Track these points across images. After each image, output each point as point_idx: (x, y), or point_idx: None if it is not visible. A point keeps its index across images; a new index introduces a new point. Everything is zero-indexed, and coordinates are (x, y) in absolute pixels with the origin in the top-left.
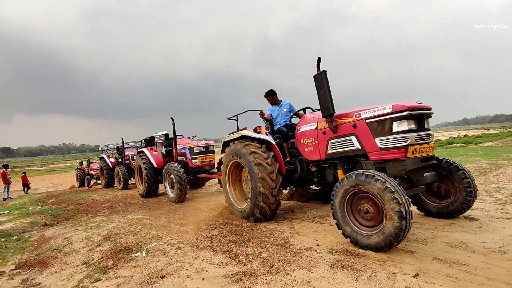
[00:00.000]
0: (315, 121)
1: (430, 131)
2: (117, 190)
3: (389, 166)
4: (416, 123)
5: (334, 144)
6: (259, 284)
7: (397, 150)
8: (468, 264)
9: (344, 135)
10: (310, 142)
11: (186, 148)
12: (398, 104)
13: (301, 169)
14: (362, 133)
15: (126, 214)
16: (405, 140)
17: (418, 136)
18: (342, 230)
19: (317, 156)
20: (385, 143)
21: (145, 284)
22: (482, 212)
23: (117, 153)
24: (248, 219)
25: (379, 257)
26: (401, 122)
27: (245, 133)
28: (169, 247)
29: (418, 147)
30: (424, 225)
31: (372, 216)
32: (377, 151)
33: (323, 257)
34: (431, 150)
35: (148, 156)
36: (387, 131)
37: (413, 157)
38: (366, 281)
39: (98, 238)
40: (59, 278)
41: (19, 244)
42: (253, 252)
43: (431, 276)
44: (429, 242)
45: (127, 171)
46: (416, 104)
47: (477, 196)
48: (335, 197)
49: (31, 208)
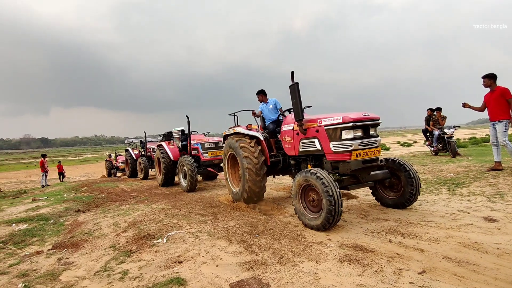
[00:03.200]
0: (292, 122)
1: (376, 138)
2: (142, 180)
3: (340, 165)
4: (362, 131)
5: (303, 144)
6: (268, 273)
7: (344, 153)
8: (477, 264)
9: (310, 137)
10: (289, 140)
11: (198, 143)
12: (346, 115)
13: (284, 162)
14: (322, 137)
15: (151, 204)
16: (349, 146)
17: (362, 143)
18: (297, 212)
19: (293, 152)
20: (336, 147)
21: (164, 268)
22: (504, 214)
23: (140, 146)
24: (239, 200)
25: (388, 253)
26: (348, 131)
27: (238, 129)
28: (188, 235)
29: (361, 152)
30: (439, 225)
31: (317, 203)
32: (331, 153)
33: (332, 250)
34: (376, 153)
35: (166, 150)
36: (338, 137)
37: (356, 159)
38: (371, 275)
39: (124, 224)
40: (89, 259)
41: (55, 227)
42: (265, 243)
43: (438, 274)
44: (441, 242)
45: (148, 162)
46: (362, 116)
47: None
48: (293, 188)
49: (65, 195)
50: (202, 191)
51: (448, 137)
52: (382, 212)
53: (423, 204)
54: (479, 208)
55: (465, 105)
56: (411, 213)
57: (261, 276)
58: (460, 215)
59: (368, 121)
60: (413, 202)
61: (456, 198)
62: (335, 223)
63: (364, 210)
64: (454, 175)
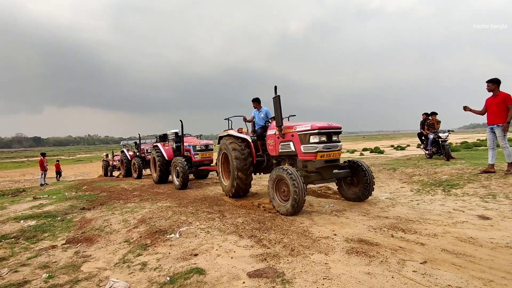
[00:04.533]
0: (275, 128)
1: (338, 143)
2: (143, 180)
3: (309, 164)
4: (327, 137)
5: (282, 146)
6: (282, 263)
7: (311, 154)
8: (473, 256)
9: (287, 141)
10: (271, 143)
11: (191, 146)
12: (314, 124)
13: (268, 161)
14: (295, 141)
15: (156, 202)
16: (315, 148)
17: (325, 146)
18: (272, 201)
19: (274, 153)
20: (305, 149)
21: (181, 260)
22: (496, 213)
23: (135, 147)
24: (228, 193)
25: (391, 246)
26: (315, 136)
27: (230, 132)
28: (199, 231)
29: (325, 153)
30: (437, 222)
31: (286, 193)
32: (302, 154)
33: (339, 244)
34: (337, 155)
35: (161, 150)
36: (307, 141)
37: (320, 159)
38: (377, 265)
39: (134, 221)
40: (106, 252)
41: (64, 223)
42: (275, 238)
43: (438, 264)
44: (440, 237)
45: (142, 162)
46: (326, 125)
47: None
48: (269, 182)
49: (67, 194)
50: (202, 190)
51: (442, 140)
52: (382, 211)
53: (421, 203)
54: (473, 207)
55: (466, 108)
56: (410, 211)
57: (275, 266)
58: (455, 213)
59: (331, 129)
60: (368, 196)
61: (451, 198)
62: (300, 209)
63: (365, 209)
64: (448, 177)
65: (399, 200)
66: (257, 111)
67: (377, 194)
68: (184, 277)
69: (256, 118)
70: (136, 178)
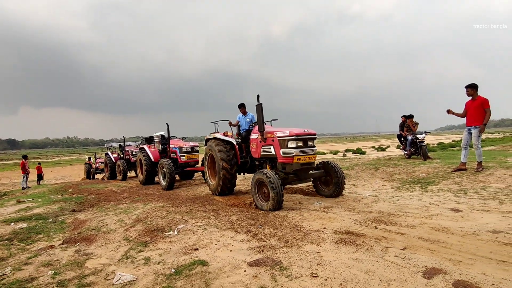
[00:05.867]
0: (258, 133)
1: (313, 148)
2: (129, 181)
3: (287, 166)
4: (303, 143)
5: (264, 149)
6: (278, 254)
7: (289, 157)
8: (446, 242)
9: (268, 145)
10: (254, 146)
11: (177, 148)
12: (291, 130)
13: (251, 162)
14: (276, 145)
15: (148, 203)
16: (293, 152)
17: (301, 151)
18: (255, 201)
19: (257, 155)
20: (284, 153)
21: (183, 254)
22: (466, 206)
23: (119, 149)
24: (214, 192)
25: (375, 236)
26: (292, 141)
27: (216, 135)
28: (196, 228)
29: (301, 157)
30: (415, 215)
31: (266, 194)
32: (281, 157)
33: (329, 236)
34: (312, 159)
35: (148, 152)
36: (286, 146)
37: (296, 162)
38: (364, 252)
39: (129, 221)
40: (107, 250)
41: (56, 225)
42: (269, 232)
43: (415, 250)
44: (417, 227)
45: (126, 164)
46: (303, 131)
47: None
48: (252, 184)
49: (53, 197)
50: (192, 190)
51: (420, 141)
52: (366, 206)
53: (401, 199)
54: (446, 202)
55: (449, 111)
56: (391, 206)
57: (273, 256)
58: (431, 207)
59: (307, 136)
60: (340, 193)
61: (428, 194)
62: (279, 207)
63: (351, 205)
64: (425, 175)
65: (381, 197)
66: (242, 116)
67: (361, 192)
68: (189, 268)
69: (242, 122)
70: (121, 180)
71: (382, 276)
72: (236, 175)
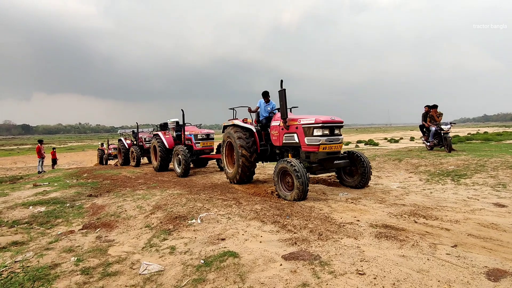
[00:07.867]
0: (279, 120)
1: (339, 136)
2: (143, 168)
3: (311, 155)
4: (329, 131)
5: (286, 137)
6: (314, 247)
7: (314, 146)
8: (500, 240)
9: (291, 132)
10: (275, 134)
11: (192, 134)
12: (318, 118)
13: (271, 151)
14: (299, 133)
15: (165, 190)
16: (318, 140)
17: (328, 139)
18: (278, 191)
19: (278, 143)
20: (309, 141)
21: (209, 244)
22: (510, 201)
23: (132, 136)
24: (233, 180)
25: (418, 231)
26: (318, 129)
27: (236, 122)
28: (219, 217)
29: (327, 146)
30: (455, 209)
31: (290, 183)
32: (305, 145)
33: (366, 230)
34: (338, 148)
35: (162, 139)
36: (311, 134)
37: (322, 151)
38: (410, 248)
39: (149, 207)
40: (129, 237)
41: (74, 210)
42: (299, 224)
43: (468, 247)
44: (462, 223)
45: (140, 151)
46: (330, 119)
47: (465, 182)
48: (275, 173)
49: (68, 181)
50: (208, 178)
51: (444, 133)
52: (397, 199)
53: (434, 192)
54: (486, 196)
55: None
56: (425, 199)
57: (308, 250)
58: (470, 201)
59: (333, 124)
60: (366, 184)
61: (462, 187)
62: (304, 198)
63: (380, 197)
64: (455, 167)
65: (411, 189)
66: (264, 104)
67: (387, 183)
68: (220, 259)
69: (262, 109)
70: (135, 166)
71: (438, 276)
72: (255, 163)
